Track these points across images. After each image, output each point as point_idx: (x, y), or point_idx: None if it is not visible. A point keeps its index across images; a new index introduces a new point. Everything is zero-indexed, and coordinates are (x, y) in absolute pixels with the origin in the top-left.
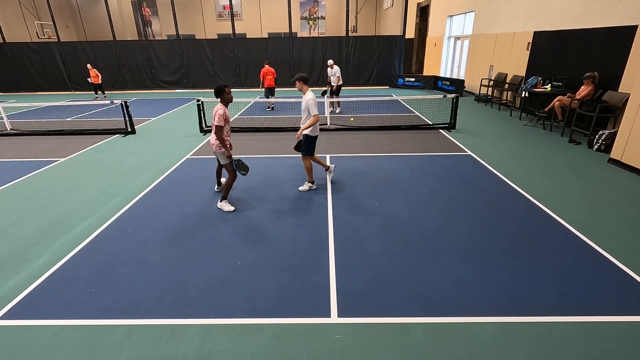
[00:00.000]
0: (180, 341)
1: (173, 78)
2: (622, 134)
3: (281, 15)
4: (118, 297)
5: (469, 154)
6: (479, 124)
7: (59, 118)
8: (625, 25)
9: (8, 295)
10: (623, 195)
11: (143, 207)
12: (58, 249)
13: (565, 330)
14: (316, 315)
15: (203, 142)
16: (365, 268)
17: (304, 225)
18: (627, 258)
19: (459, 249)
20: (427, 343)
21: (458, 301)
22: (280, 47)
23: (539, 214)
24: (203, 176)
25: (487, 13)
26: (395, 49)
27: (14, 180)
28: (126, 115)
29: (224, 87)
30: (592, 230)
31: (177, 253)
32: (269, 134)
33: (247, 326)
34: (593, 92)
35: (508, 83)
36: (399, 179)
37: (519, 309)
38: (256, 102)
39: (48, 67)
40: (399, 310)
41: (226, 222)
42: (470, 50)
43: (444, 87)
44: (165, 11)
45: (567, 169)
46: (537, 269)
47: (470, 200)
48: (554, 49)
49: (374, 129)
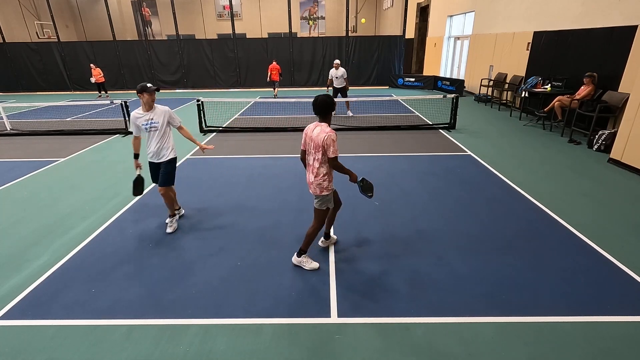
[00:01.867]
0: (180, 341)
1: (173, 78)
2: (622, 134)
3: (281, 15)
4: (118, 297)
5: (469, 154)
6: (478, 124)
7: (59, 118)
8: (625, 25)
9: (8, 295)
10: (623, 195)
11: (143, 207)
12: (58, 249)
13: (565, 330)
14: (316, 315)
15: (203, 142)
16: (365, 268)
17: (304, 225)
18: (627, 258)
19: (459, 248)
20: (427, 343)
21: (458, 301)
22: (280, 47)
23: (538, 214)
24: (203, 176)
25: (487, 13)
26: (395, 49)
27: (14, 180)
28: (126, 115)
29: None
30: (592, 230)
31: (177, 253)
32: (269, 134)
33: (247, 326)
34: (593, 92)
35: (508, 83)
36: (399, 179)
37: (519, 309)
38: (256, 102)
39: (48, 67)
40: (399, 310)
41: (226, 222)
42: (470, 50)
43: (444, 87)
44: (165, 11)
45: (567, 169)
46: (537, 269)
47: (470, 200)
48: (554, 49)
49: (374, 129)
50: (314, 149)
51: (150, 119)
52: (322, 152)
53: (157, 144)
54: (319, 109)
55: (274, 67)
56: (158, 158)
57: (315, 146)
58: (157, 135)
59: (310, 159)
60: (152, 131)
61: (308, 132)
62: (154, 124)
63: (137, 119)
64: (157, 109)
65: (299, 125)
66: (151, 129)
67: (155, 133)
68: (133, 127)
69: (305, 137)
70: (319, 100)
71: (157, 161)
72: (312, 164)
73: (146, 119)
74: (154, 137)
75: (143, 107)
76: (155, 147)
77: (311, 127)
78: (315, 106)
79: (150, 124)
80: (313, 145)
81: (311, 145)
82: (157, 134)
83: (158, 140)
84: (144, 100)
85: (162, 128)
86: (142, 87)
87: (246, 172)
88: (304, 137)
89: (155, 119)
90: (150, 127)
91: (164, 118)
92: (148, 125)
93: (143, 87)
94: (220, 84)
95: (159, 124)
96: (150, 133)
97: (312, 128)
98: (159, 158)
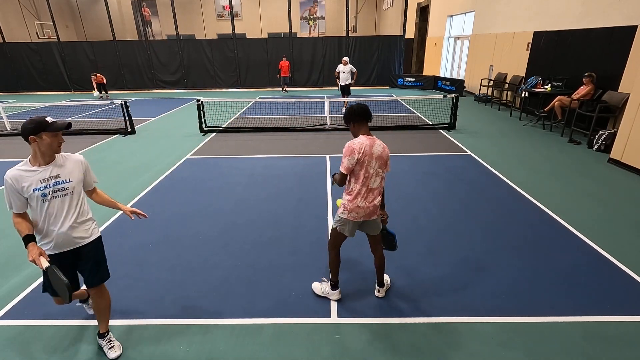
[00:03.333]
0: (180, 341)
1: (173, 78)
2: (622, 134)
3: (281, 15)
4: (118, 297)
5: (469, 154)
6: (478, 124)
7: (59, 118)
8: (625, 25)
9: (8, 295)
10: (623, 195)
11: (143, 207)
12: None
13: (565, 330)
14: (316, 315)
15: (203, 142)
16: (365, 268)
17: (304, 226)
18: (627, 258)
19: (458, 248)
20: (428, 343)
21: (458, 301)
22: (280, 47)
23: (538, 214)
24: (203, 176)
25: (487, 13)
26: (395, 49)
27: None
28: (126, 115)
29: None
30: (592, 230)
31: (177, 253)
32: (269, 134)
33: (247, 326)
34: (593, 92)
35: (508, 83)
36: (399, 179)
37: (519, 309)
38: (256, 102)
39: (48, 67)
40: (399, 310)
41: (226, 222)
42: (470, 50)
43: (443, 87)
44: (165, 11)
45: (567, 169)
46: (537, 269)
47: (470, 200)
48: (554, 49)
49: (374, 129)
50: (381, 168)
51: (54, 177)
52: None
53: (71, 218)
54: (368, 115)
55: (284, 64)
56: (74, 244)
57: (383, 164)
58: (68, 205)
59: (373, 182)
60: (58, 198)
61: (366, 149)
62: (60, 186)
63: (24, 180)
64: (66, 160)
65: (299, 125)
66: (55, 196)
67: (66, 200)
68: (12, 198)
69: (365, 157)
70: (363, 107)
71: (71, 248)
72: (379, 186)
73: (43, 178)
74: (63, 208)
75: (35, 158)
76: (68, 226)
77: (367, 143)
78: (367, 112)
79: (55, 186)
80: (379, 164)
81: (376, 164)
82: (69, 202)
83: (72, 212)
84: (40, 146)
85: (76, 191)
86: (38, 124)
87: (246, 173)
88: (362, 157)
89: (63, 176)
90: (53, 192)
91: (78, 173)
92: (50, 189)
93: (39, 125)
94: (220, 84)
95: (72, 185)
96: (51, 203)
97: (370, 144)
98: (76, 243)
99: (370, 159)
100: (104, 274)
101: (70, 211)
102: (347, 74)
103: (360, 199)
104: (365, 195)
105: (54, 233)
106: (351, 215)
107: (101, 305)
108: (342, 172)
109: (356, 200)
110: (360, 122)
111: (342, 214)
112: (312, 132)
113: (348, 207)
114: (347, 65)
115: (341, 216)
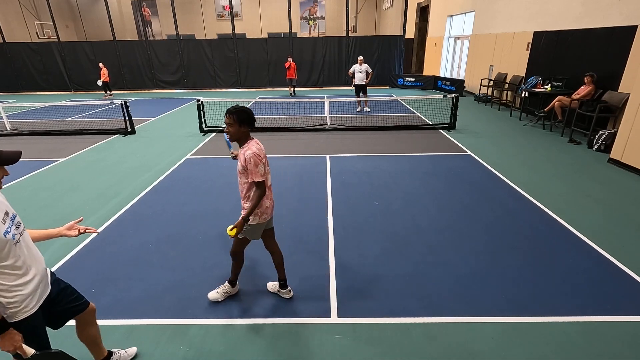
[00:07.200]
0: (180, 341)
1: (173, 78)
2: (622, 134)
3: (281, 15)
4: (118, 297)
5: (469, 154)
6: (478, 124)
7: (59, 118)
8: (625, 25)
9: None
10: (623, 195)
11: (143, 207)
12: (58, 249)
13: (565, 330)
14: (316, 315)
15: (203, 142)
16: (365, 268)
17: (304, 225)
18: (628, 258)
19: (458, 248)
20: (427, 343)
21: (458, 301)
22: (280, 47)
23: (538, 214)
24: (203, 176)
25: (487, 13)
26: (395, 49)
27: (14, 180)
28: (126, 115)
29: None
30: (592, 230)
31: (177, 253)
32: (269, 134)
33: (247, 326)
34: (593, 92)
35: (508, 83)
36: (399, 179)
37: (519, 309)
38: (256, 102)
39: (48, 67)
40: (399, 310)
41: (226, 222)
42: (470, 50)
43: (443, 87)
44: (165, 11)
45: (567, 169)
46: (537, 269)
47: (470, 200)
48: (554, 49)
49: (374, 129)
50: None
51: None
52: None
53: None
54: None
55: (290, 65)
56: (47, 283)
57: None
58: (27, 241)
59: (269, 179)
60: (20, 235)
61: (263, 151)
62: (16, 223)
63: None
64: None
65: (299, 125)
66: (18, 232)
67: (25, 237)
68: None
69: (265, 159)
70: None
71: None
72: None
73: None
74: (26, 245)
75: None
76: (37, 265)
77: (260, 146)
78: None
79: (13, 223)
80: (266, 162)
81: (267, 163)
82: (28, 238)
83: (32, 248)
84: None
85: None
86: None
87: None
88: (265, 160)
89: (10, 211)
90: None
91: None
92: (10, 226)
93: None
94: (220, 84)
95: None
96: (15, 241)
97: (260, 146)
98: (47, 282)
99: (266, 160)
100: (83, 297)
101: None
102: (363, 73)
103: (267, 199)
104: (269, 193)
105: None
106: (262, 217)
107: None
108: (259, 182)
109: (264, 202)
110: (251, 127)
111: (253, 220)
112: (312, 132)
113: (258, 212)
114: (362, 64)
115: (252, 224)
